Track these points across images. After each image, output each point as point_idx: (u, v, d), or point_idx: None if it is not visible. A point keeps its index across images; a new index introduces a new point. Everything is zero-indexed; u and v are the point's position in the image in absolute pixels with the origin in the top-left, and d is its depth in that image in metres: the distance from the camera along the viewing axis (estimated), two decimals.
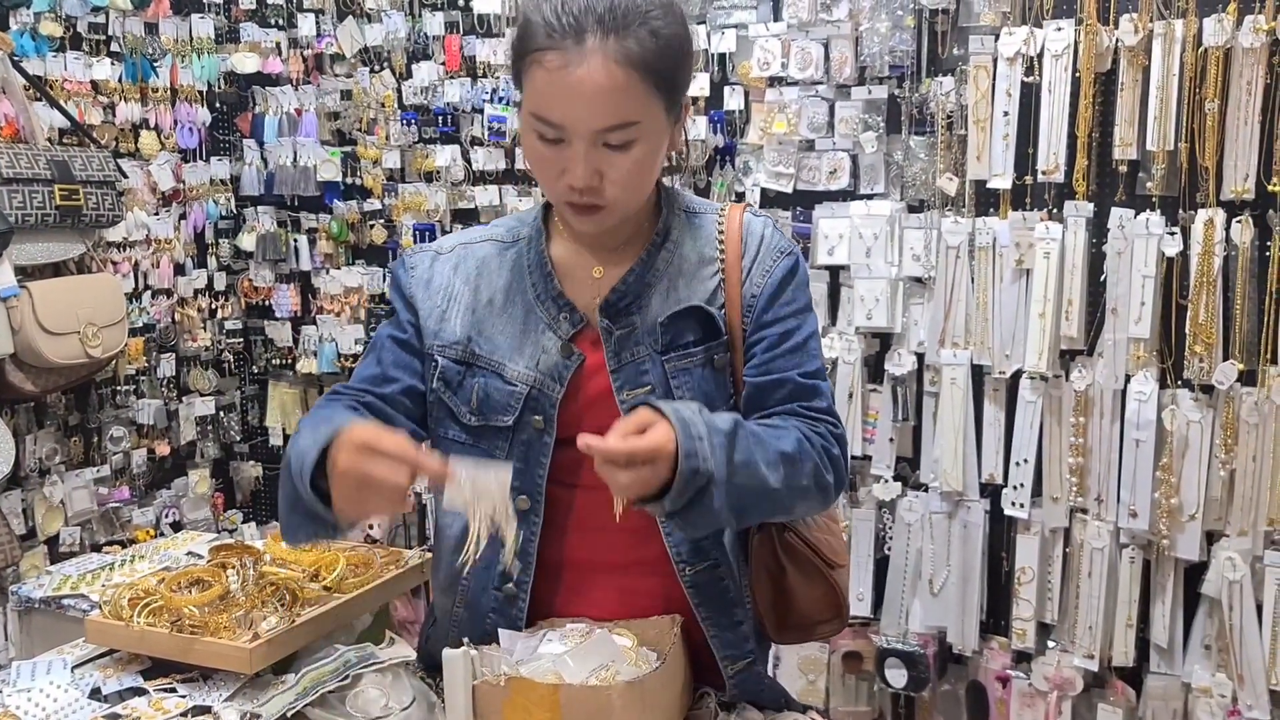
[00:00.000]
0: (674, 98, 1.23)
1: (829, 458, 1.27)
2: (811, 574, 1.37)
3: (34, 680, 1.48)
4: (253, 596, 1.56)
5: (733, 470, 1.15)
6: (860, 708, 2.76)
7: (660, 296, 1.31)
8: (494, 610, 1.34)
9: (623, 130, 1.18)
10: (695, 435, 1.12)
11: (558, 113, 1.18)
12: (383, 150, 3.18)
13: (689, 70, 1.27)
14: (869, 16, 2.59)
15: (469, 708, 1.16)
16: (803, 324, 1.33)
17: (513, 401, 1.30)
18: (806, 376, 1.31)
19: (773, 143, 2.73)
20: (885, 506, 2.71)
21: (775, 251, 1.34)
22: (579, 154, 1.19)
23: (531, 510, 1.31)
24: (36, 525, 2.77)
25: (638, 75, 1.17)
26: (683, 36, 1.23)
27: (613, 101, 1.16)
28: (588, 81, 1.15)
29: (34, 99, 2.67)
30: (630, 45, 1.16)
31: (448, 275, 1.37)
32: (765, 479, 1.18)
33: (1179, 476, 2.36)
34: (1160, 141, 2.31)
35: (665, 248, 1.33)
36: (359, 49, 3.18)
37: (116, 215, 2.77)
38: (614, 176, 1.21)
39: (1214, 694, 2.35)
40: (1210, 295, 2.30)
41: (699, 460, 1.11)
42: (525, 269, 1.35)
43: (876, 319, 2.63)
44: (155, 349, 3.14)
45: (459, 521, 1.33)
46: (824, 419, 1.30)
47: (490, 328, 1.33)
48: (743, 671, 1.35)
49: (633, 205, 1.28)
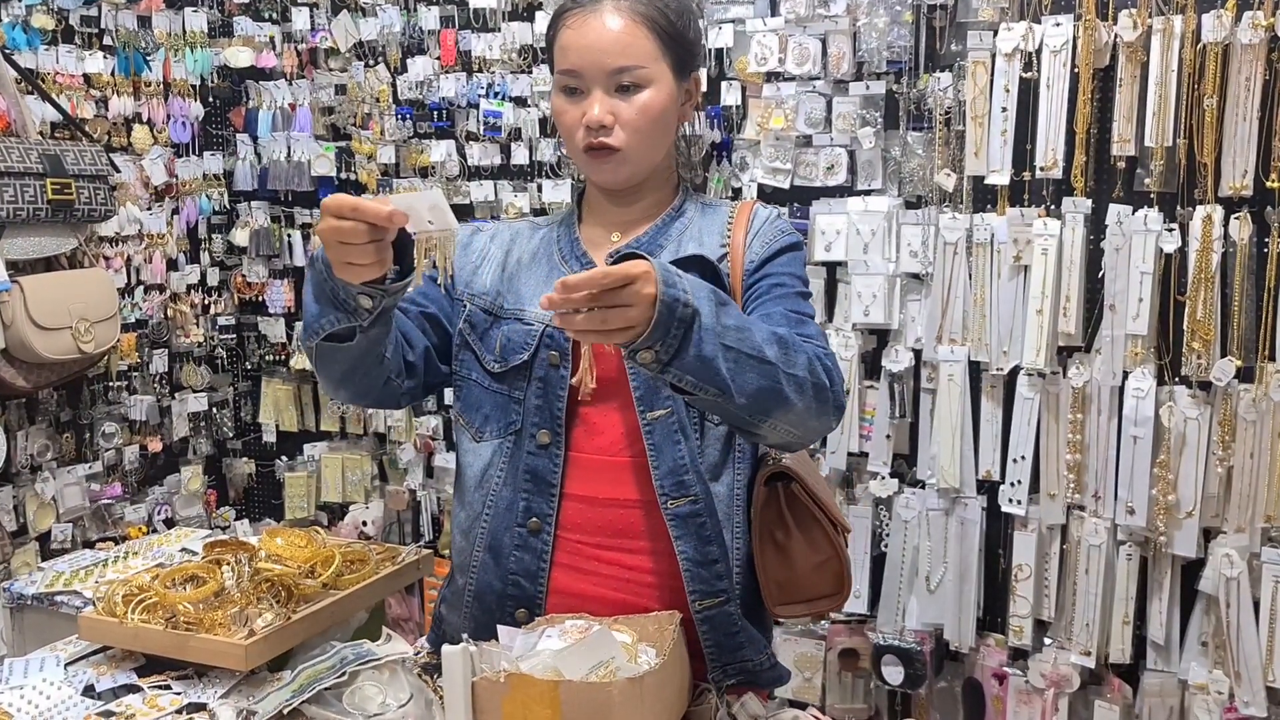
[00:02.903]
0: (681, 58, 1.41)
1: (822, 365, 1.27)
2: (817, 537, 1.40)
3: (27, 678, 1.47)
4: (248, 593, 1.55)
5: (720, 324, 1.14)
6: (857, 705, 2.76)
7: (668, 254, 1.41)
8: (518, 546, 1.40)
9: (632, 72, 1.36)
10: (673, 275, 1.11)
11: (575, 59, 1.36)
12: (377, 145, 3.17)
13: (696, 38, 1.44)
14: (867, 12, 2.58)
15: (468, 704, 1.15)
16: (798, 286, 1.42)
17: (529, 339, 1.41)
18: (798, 315, 1.37)
19: (770, 138, 2.72)
20: (882, 503, 2.71)
21: (777, 230, 1.45)
22: (595, 96, 1.37)
23: (553, 443, 1.39)
24: (28, 522, 2.76)
25: (645, 27, 1.36)
26: (690, 9, 1.42)
27: (621, 44, 1.35)
28: (601, 27, 1.35)
29: (26, 92, 2.65)
30: (640, 4, 1.37)
31: (485, 242, 1.54)
32: (759, 345, 1.18)
33: (1176, 473, 2.36)
34: (1159, 138, 2.31)
35: (679, 222, 1.47)
36: (353, 43, 3.17)
37: (109, 210, 2.75)
38: (626, 117, 1.37)
39: (1211, 691, 2.34)
40: (1208, 292, 2.30)
41: (679, 291, 1.09)
42: (555, 239, 1.50)
43: (874, 315, 2.63)
44: (148, 345, 3.13)
45: (477, 464, 1.44)
46: (814, 341, 1.32)
47: (517, 281, 1.47)
48: (712, 610, 1.38)
49: (643, 155, 1.40)
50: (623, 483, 1.39)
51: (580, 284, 1.04)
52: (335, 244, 1.16)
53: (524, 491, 1.40)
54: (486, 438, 1.44)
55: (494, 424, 1.43)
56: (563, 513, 1.40)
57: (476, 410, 1.45)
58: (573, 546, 1.40)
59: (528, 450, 1.40)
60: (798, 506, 1.40)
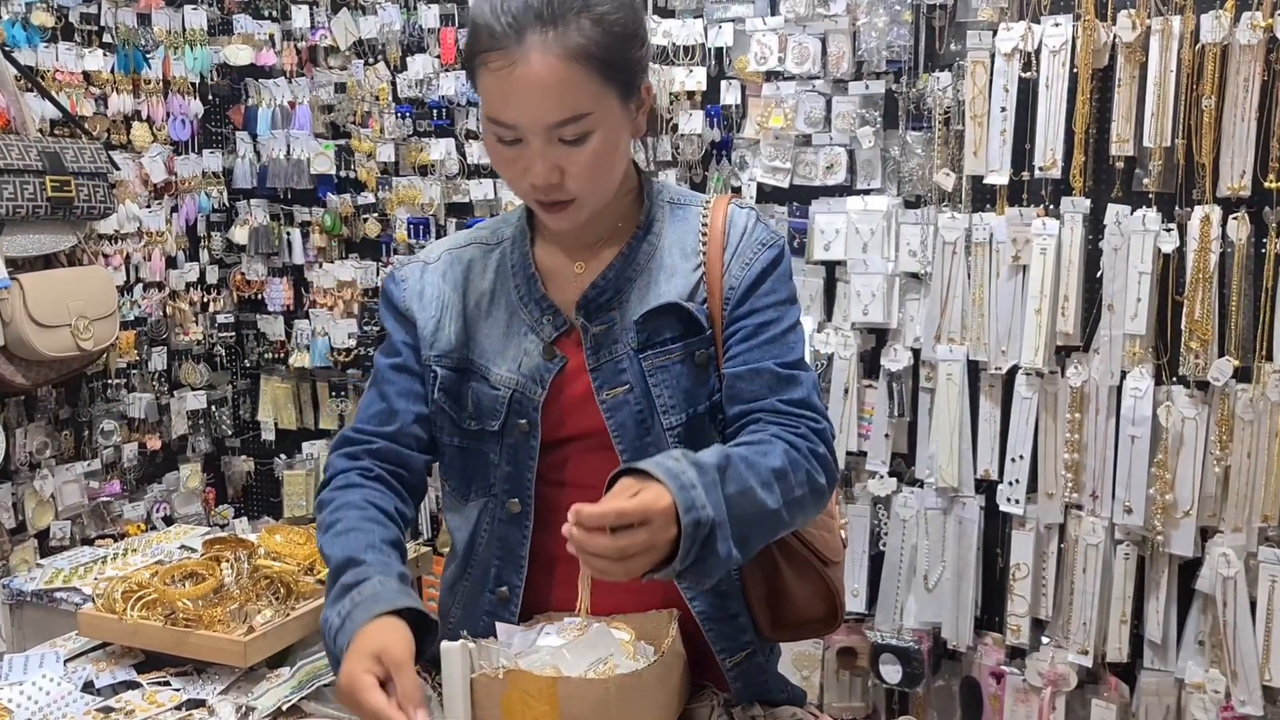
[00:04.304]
0: (627, 83, 1.21)
1: (817, 459, 1.23)
2: (806, 571, 1.35)
3: (26, 674, 1.47)
4: (247, 590, 1.55)
5: (731, 504, 1.11)
6: (854, 704, 2.76)
7: (639, 292, 1.29)
8: (488, 612, 1.35)
9: (575, 124, 1.16)
10: (687, 485, 1.07)
11: (509, 113, 1.17)
12: (377, 143, 3.17)
13: (641, 53, 1.23)
14: (866, 11, 2.58)
15: (467, 701, 1.15)
16: (783, 315, 1.30)
17: (498, 405, 1.30)
18: (785, 366, 1.28)
19: (769, 137, 2.72)
20: (880, 502, 2.71)
21: (756, 244, 1.31)
22: (536, 151, 1.18)
23: (523, 513, 1.31)
24: (27, 519, 2.76)
25: (582, 67, 1.14)
26: (630, 19, 1.19)
27: (558, 95, 1.14)
28: (532, 79, 1.14)
29: (25, 90, 2.65)
30: (572, 37, 1.14)
31: (438, 284, 1.36)
32: (763, 502, 1.15)
33: (1174, 473, 2.36)
34: (1157, 138, 2.31)
35: (647, 240, 1.32)
36: (353, 41, 3.17)
37: (108, 207, 2.75)
38: (574, 171, 1.19)
39: (1207, 690, 2.35)
40: (1206, 292, 2.30)
41: (699, 511, 1.06)
42: (509, 270, 1.34)
43: (873, 314, 2.63)
44: (147, 342, 3.13)
45: (464, 529, 1.36)
46: (804, 416, 1.26)
47: (478, 332, 1.33)
48: (742, 664, 1.34)
49: (601, 197, 1.26)
50: None
51: (603, 520, 1.01)
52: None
53: (496, 559, 1.34)
54: (472, 498, 1.36)
55: (477, 484, 1.35)
56: (532, 586, 1.33)
57: (459, 473, 1.37)
58: (550, 607, 1.34)
59: (499, 518, 1.33)
60: (787, 547, 1.35)
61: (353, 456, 1.34)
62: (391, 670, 1.08)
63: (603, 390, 1.28)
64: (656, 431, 1.27)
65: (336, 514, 1.29)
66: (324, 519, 1.30)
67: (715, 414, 1.31)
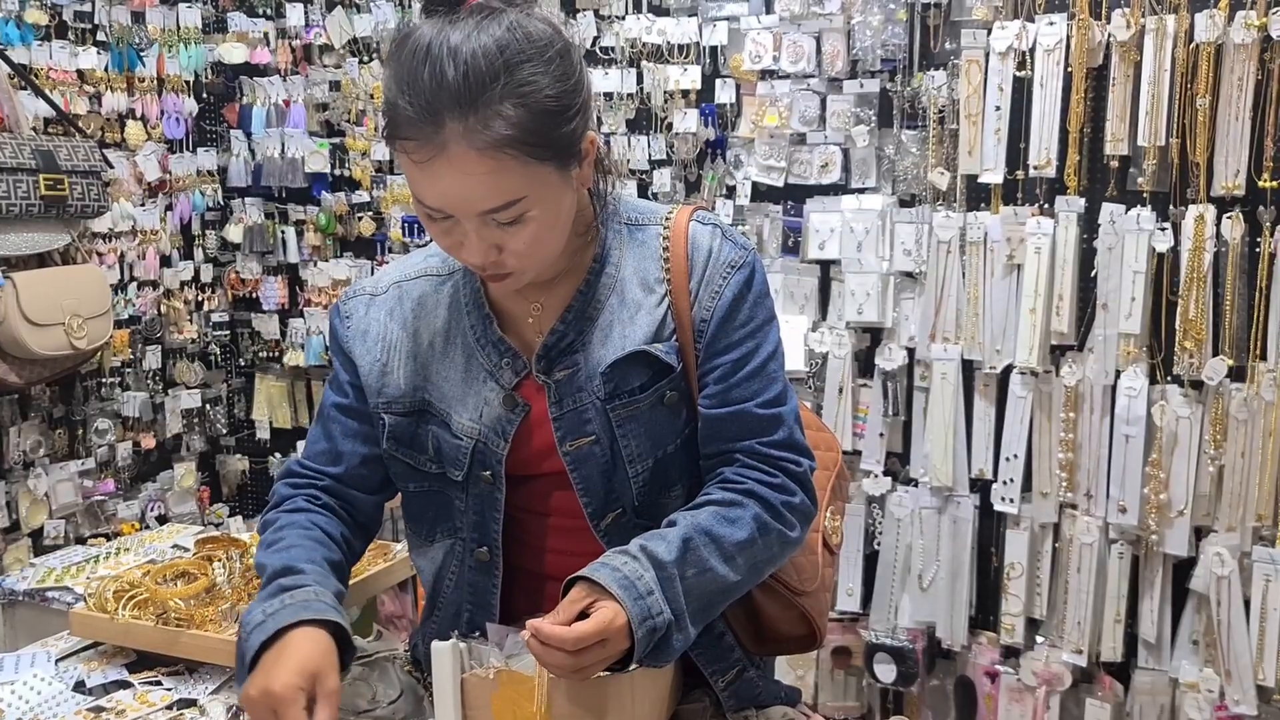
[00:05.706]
0: (565, 152, 1.10)
1: (791, 511, 1.21)
2: (778, 599, 1.33)
3: (18, 673, 1.47)
4: (239, 589, 1.55)
5: (689, 589, 1.13)
6: (849, 703, 2.76)
7: (602, 334, 1.22)
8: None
9: (508, 209, 1.08)
10: (643, 592, 1.08)
11: (434, 200, 1.09)
12: (371, 142, 3.16)
13: (577, 120, 1.11)
14: (861, 10, 2.58)
15: (457, 701, 1.15)
16: (761, 344, 1.23)
17: (460, 456, 1.24)
18: (765, 406, 1.22)
19: (764, 136, 2.72)
20: (875, 501, 2.71)
21: (725, 267, 1.22)
22: (470, 233, 1.10)
23: (491, 562, 1.28)
24: (20, 518, 2.75)
25: (509, 154, 1.04)
26: (560, 86, 1.07)
27: (485, 187, 1.06)
28: (454, 174, 1.05)
29: (19, 88, 2.64)
30: (493, 126, 1.03)
31: (383, 322, 1.29)
32: (724, 578, 1.16)
33: (1168, 472, 2.36)
34: (1151, 137, 2.31)
35: (605, 273, 1.23)
36: (348, 40, 3.17)
37: (102, 206, 2.75)
38: (514, 247, 1.11)
39: (1201, 689, 2.35)
40: (1200, 291, 2.30)
41: (654, 619, 1.08)
42: (463, 308, 1.27)
43: (867, 314, 2.63)
44: (141, 341, 3.12)
45: (429, 570, 1.34)
46: (783, 461, 1.22)
47: (434, 374, 1.26)
48: (734, 682, 1.32)
49: (544, 263, 1.18)
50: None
51: (564, 644, 1.03)
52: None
53: (469, 605, 1.30)
54: (437, 539, 1.32)
55: (441, 526, 1.31)
56: (518, 593, 1.30)
57: (419, 516, 1.33)
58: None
59: (468, 564, 1.29)
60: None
61: (299, 488, 1.33)
62: (320, 698, 1.09)
63: (566, 441, 1.23)
64: (621, 478, 1.24)
65: (280, 532, 1.27)
66: (266, 537, 1.28)
67: (687, 446, 1.27)
